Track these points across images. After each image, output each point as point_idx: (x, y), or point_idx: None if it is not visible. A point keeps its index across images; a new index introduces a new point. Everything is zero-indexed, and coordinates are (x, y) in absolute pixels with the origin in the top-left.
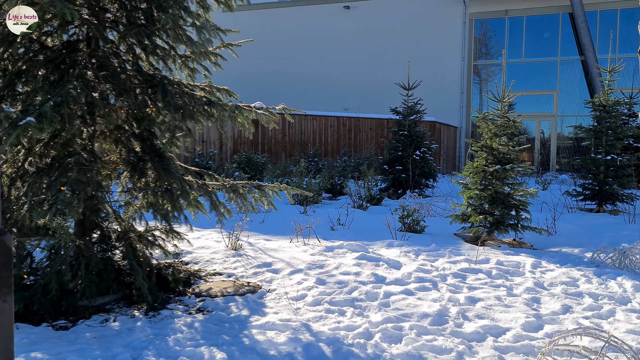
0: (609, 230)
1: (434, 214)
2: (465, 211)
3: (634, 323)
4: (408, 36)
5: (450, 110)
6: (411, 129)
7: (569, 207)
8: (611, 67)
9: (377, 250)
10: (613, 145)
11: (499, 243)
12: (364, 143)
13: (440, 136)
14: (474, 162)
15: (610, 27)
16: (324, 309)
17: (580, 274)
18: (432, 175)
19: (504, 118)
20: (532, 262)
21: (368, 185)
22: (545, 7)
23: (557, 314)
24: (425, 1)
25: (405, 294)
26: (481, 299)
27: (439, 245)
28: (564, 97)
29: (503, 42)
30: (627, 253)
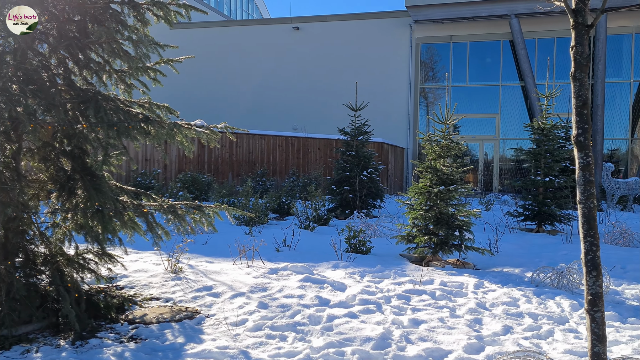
0: (548, 250)
1: (381, 234)
2: (411, 232)
3: (571, 343)
4: (357, 58)
5: (397, 132)
6: (359, 149)
7: (510, 228)
8: (549, 93)
9: (322, 272)
10: (551, 167)
11: (444, 263)
12: (313, 163)
13: (388, 157)
14: (419, 183)
15: (547, 55)
16: (265, 334)
17: (520, 294)
18: (379, 196)
19: (448, 140)
20: (475, 282)
21: (315, 206)
22: (488, 34)
23: (498, 334)
24: (373, 24)
25: (349, 317)
26: (425, 321)
27: (385, 266)
28: (505, 120)
29: (448, 67)
30: (565, 273)
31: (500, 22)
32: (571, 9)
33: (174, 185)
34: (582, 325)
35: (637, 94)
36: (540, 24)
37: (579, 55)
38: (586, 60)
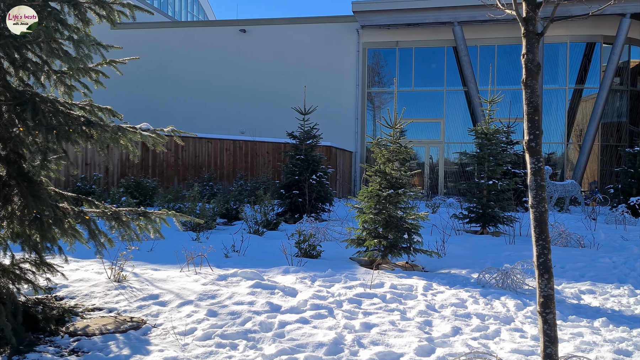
0: (492, 251)
1: (331, 238)
2: (361, 235)
3: (517, 342)
4: (305, 62)
5: (345, 136)
6: (308, 153)
7: (456, 230)
8: (491, 98)
9: (272, 278)
10: (494, 170)
11: (393, 266)
12: (261, 167)
13: (337, 161)
14: (369, 187)
15: (489, 61)
16: (215, 343)
17: (468, 295)
18: (328, 200)
19: (396, 144)
20: (424, 284)
21: (264, 210)
22: (432, 40)
23: (448, 336)
24: (321, 29)
25: (300, 322)
26: (376, 325)
27: (335, 270)
28: (450, 124)
29: (394, 72)
30: (509, 273)
31: (444, 29)
32: (522, 17)
33: (117, 191)
34: (527, 325)
35: (572, 100)
36: (482, 32)
37: (530, 63)
38: (537, 68)
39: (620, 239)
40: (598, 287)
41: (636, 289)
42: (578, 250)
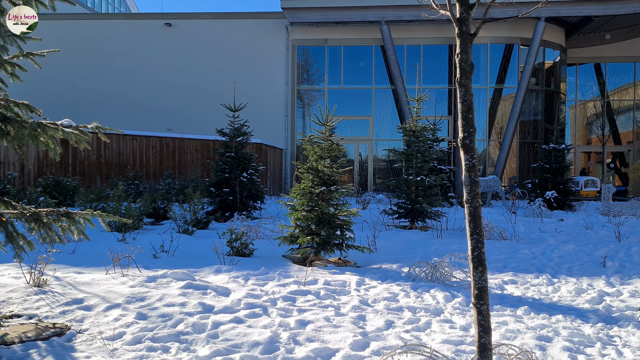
0: (421, 246)
1: (263, 236)
2: (293, 232)
3: (447, 333)
4: (234, 58)
5: (276, 133)
6: (238, 150)
7: (386, 225)
8: (418, 96)
9: (204, 278)
10: (422, 167)
11: (326, 263)
12: (189, 165)
13: (267, 158)
14: (301, 184)
15: (416, 60)
16: (146, 346)
17: (399, 288)
18: (259, 197)
19: (328, 141)
20: (357, 280)
21: (194, 209)
22: (360, 39)
23: (382, 330)
24: (250, 24)
25: (235, 322)
26: (311, 321)
27: (268, 268)
28: (378, 122)
29: (324, 69)
30: (438, 266)
31: (372, 28)
32: (456, 18)
33: (34, 190)
34: (456, 316)
35: (493, 99)
36: (408, 32)
37: (464, 62)
38: (470, 67)
39: (538, 231)
40: (519, 277)
41: (553, 278)
42: (500, 243)
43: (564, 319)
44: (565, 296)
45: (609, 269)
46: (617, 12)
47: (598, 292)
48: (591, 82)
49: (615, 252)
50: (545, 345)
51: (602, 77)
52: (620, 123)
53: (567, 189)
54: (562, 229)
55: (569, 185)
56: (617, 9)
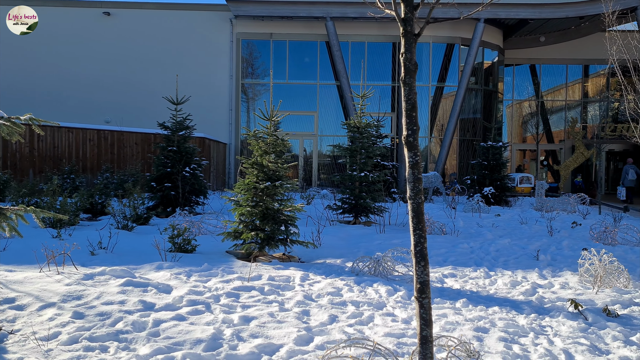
0: (365, 240)
1: (206, 232)
2: (237, 228)
3: (390, 326)
4: (177, 50)
5: (219, 127)
6: (180, 144)
7: (330, 220)
8: (362, 93)
9: (145, 275)
10: (366, 163)
11: (270, 258)
12: (129, 159)
13: (210, 152)
14: (246, 179)
15: (360, 57)
16: (83, 346)
17: (343, 283)
18: (202, 192)
19: (273, 136)
20: (301, 275)
21: (134, 204)
22: (306, 34)
23: (326, 324)
24: (194, 16)
25: (177, 319)
26: (255, 317)
27: (212, 265)
28: (323, 118)
29: (269, 63)
30: (381, 261)
31: (318, 24)
32: (401, 17)
33: None
34: (398, 309)
35: (434, 97)
36: (353, 28)
37: (409, 62)
38: (414, 67)
39: (476, 225)
40: (458, 271)
41: (490, 271)
42: (441, 237)
43: (500, 311)
44: (502, 288)
45: (542, 262)
46: (551, 16)
47: (532, 284)
48: (527, 83)
49: (547, 246)
50: (483, 336)
51: (537, 78)
52: (553, 122)
53: (503, 185)
54: (499, 224)
55: (505, 182)
56: (551, 13)
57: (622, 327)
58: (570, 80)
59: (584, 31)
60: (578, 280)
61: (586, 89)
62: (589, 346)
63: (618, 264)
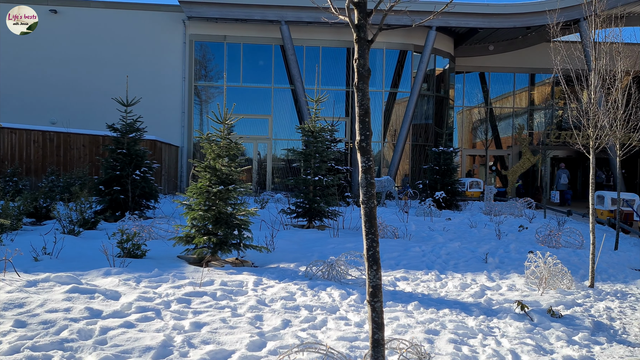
0: (319, 245)
1: (157, 236)
2: (189, 232)
3: (342, 330)
4: (127, 50)
5: (171, 129)
6: (131, 147)
7: (284, 224)
8: (317, 97)
9: (92, 281)
10: (320, 167)
11: (223, 263)
12: (77, 161)
13: (162, 155)
14: (198, 183)
15: (315, 62)
16: (25, 356)
17: (296, 287)
18: (153, 196)
19: (226, 139)
20: (254, 279)
21: (81, 208)
22: (260, 37)
23: (279, 329)
24: (145, 16)
25: (125, 327)
26: (207, 323)
27: (162, 270)
28: (277, 121)
29: (222, 66)
30: (334, 265)
31: (272, 27)
32: (355, 24)
33: None
34: (351, 313)
35: (387, 102)
36: (308, 33)
37: (362, 68)
38: (368, 72)
39: (428, 229)
40: (410, 274)
41: (441, 274)
42: (393, 241)
43: (450, 313)
44: (452, 291)
45: (490, 265)
46: (499, 26)
47: (480, 286)
48: (476, 90)
49: (495, 249)
50: (433, 338)
51: (486, 86)
52: (501, 129)
53: (454, 190)
54: (450, 228)
55: (456, 186)
56: (499, 22)
57: (565, 327)
58: (517, 88)
59: (531, 41)
60: (524, 282)
61: (532, 96)
62: (534, 346)
63: (562, 266)
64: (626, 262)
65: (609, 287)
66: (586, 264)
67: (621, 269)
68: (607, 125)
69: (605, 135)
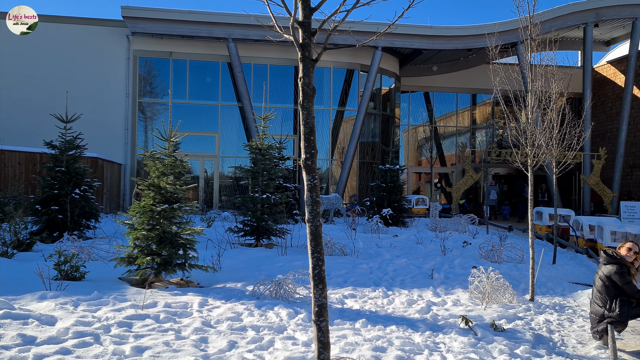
0: (266, 263)
1: (97, 257)
2: (132, 253)
3: (290, 350)
4: (69, 66)
5: (114, 147)
6: (70, 165)
7: (231, 243)
8: (265, 115)
9: (26, 306)
10: (268, 184)
11: (167, 284)
12: (11, 179)
13: (104, 173)
14: (142, 202)
15: (263, 79)
16: None
17: (243, 307)
18: (94, 216)
19: (171, 157)
20: (200, 300)
21: (15, 229)
22: (207, 54)
23: (224, 351)
24: (88, 31)
25: (61, 353)
26: (149, 347)
27: (102, 293)
28: (225, 139)
29: (168, 82)
30: (282, 284)
31: (219, 44)
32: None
33: None
34: (299, 332)
35: (335, 120)
36: (256, 50)
37: (307, 86)
38: (312, 91)
39: (375, 246)
40: (358, 292)
41: (388, 290)
42: (341, 258)
43: (397, 329)
44: (399, 307)
45: (436, 281)
46: (442, 47)
47: (426, 302)
48: (421, 109)
49: (441, 265)
50: (380, 355)
51: (431, 105)
52: (445, 147)
53: (401, 207)
54: (397, 244)
55: (402, 203)
56: (442, 44)
57: (507, 341)
58: (460, 107)
59: (472, 62)
60: (469, 297)
61: (474, 116)
62: None
63: (504, 280)
64: (564, 275)
65: (548, 301)
66: (527, 278)
67: (559, 283)
68: (544, 144)
69: (542, 153)
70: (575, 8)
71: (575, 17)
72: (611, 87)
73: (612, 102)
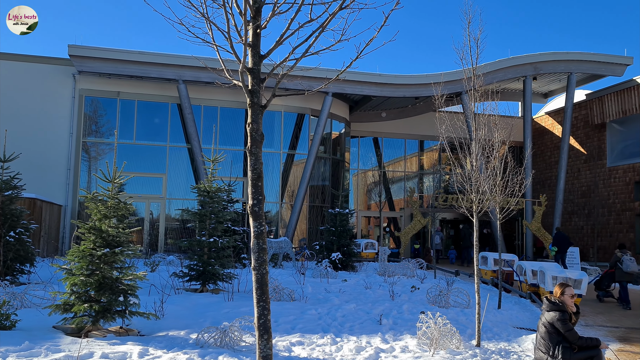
0: (212, 309)
1: (30, 304)
2: (68, 300)
3: None
4: (9, 104)
5: (55, 188)
6: (5, 206)
7: (176, 289)
8: (214, 157)
9: None
10: (215, 228)
11: (105, 333)
12: None
13: (42, 215)
14: (81, 246)
15: (213, 121)
16: None
17: (186, 357)
18: (29, 260)
19: (114, 199)
20: (140, 350)
21: None
22: (157, 95)
23: None
24: (31, 68)
25: None
26: None
27: (34, 343)
28: (172, 180)
29: (114, 122)
30: (228, 331)
31: (169, 85)
32: (248, 89)
33: None
34: None
35: (286, 163)
36: (206, 93)
37: (255, 132)
38: (261, 137)
39: (324, 291)
40: (306, 338)
41: (337, 337)
42: (290, 304)
43: None
44: (347, 355)
45: (385, 326)
46: (390, 95)
47: (375, 349)
48: (371, 154)
49: (389, 310)
50: None
51: (380, 150)
52: (394, 191)
53: (350, 251)
54: (346, 289)
55: (352, 247)
56: (390, 92)
57: None
58: (408, 153)
59: (419, 110)
60: (417, 343)
61: (422, 162)
62: None
63: (451, 326)
64: (509, 320)
65: (494, 346)
66: (473, 323)
67: (504, 328)
68: (488, 191)
69: (487, 199)
70: (515, 62)
71: (515, 70)
72: (550, 136)
73: (550, 151)
